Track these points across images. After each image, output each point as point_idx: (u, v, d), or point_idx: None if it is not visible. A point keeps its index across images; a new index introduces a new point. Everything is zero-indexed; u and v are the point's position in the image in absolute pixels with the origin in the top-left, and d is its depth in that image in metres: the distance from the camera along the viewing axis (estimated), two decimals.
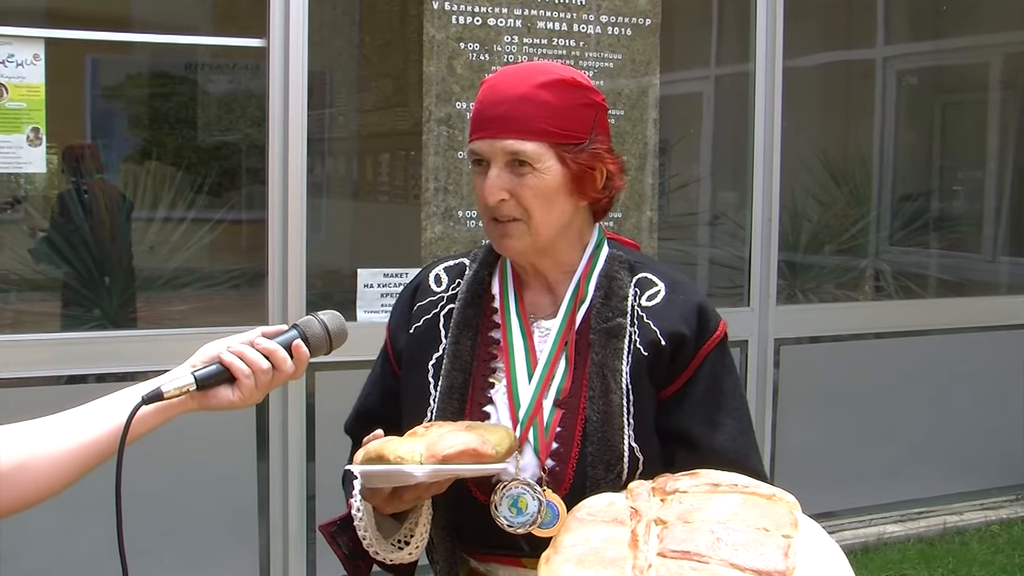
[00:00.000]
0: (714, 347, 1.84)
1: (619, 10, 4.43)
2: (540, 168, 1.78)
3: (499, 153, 1.79)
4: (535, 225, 1.81)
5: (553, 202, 1.81)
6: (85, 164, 4.92)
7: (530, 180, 1.78)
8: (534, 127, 1.78)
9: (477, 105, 1.85)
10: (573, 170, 1.80)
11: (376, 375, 2.04)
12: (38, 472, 1.53)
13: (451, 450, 1.61)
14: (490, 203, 1.80)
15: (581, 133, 1.82)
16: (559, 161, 1.79)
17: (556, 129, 1.79)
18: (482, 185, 1.81)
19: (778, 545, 1.42)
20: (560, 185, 1.80)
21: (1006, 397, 5.78)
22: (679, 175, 5.99)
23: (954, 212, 6.81)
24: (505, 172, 1.79)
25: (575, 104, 1.82)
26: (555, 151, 1.79)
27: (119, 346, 3.99)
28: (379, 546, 1.80)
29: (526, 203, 1.79)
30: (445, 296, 1.95)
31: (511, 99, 1.79)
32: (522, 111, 1.78)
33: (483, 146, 1.81)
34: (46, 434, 1.55)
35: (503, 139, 1.78)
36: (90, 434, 1.56)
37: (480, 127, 1.82)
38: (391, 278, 4.18)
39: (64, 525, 3.68)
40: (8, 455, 1.51)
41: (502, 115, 1.79)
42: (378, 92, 5.78)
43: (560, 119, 1.79)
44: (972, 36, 6.77)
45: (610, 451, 1.76)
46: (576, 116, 1.82)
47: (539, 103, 1.79)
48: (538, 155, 1.78)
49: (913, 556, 5.09)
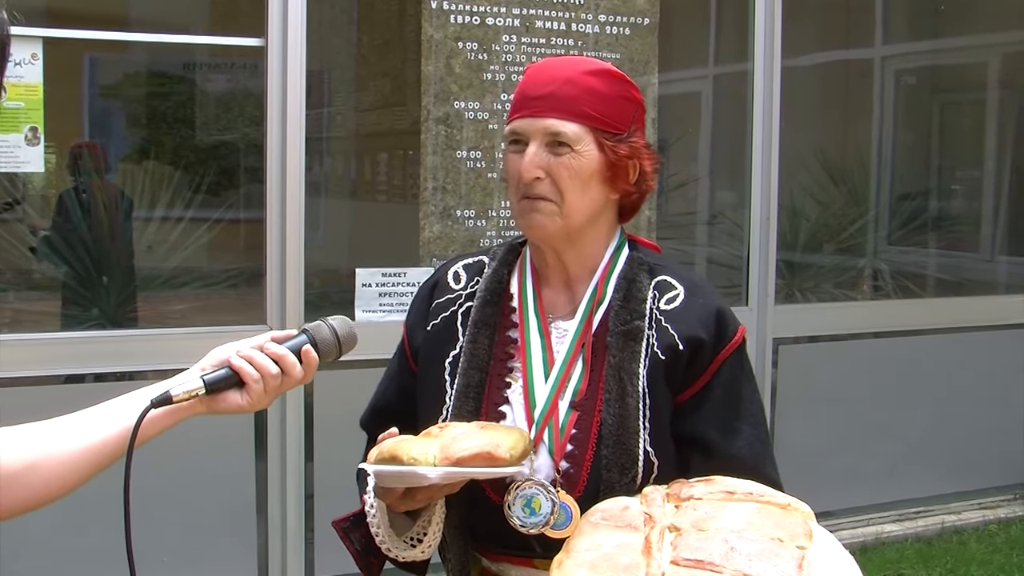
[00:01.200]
0: (732, 352, 1.83)
1: (617, 9, 4.43)
2: (578, 150, 1.79)
3: (540, 132, 1.80)
4: (567, 207, 1.80)
5: (587, 186, 1.81)
6: (84, 163, 4.92)
7: (567, 160, 1.79)
8: (577, 109, 1.79)
9: (521, 87, 1.86)
10: (610, 158, 1.81)
11: (393, 371, 2.03)
12: (48, 473, 1.53)
13: (465, 452, 1.60)
14: (525, 179, 1.79)
15: (621, 124, 1.83)
16: (598, 147, 1.80)
17: (598, 115, 1.80)
18: (518, 163, 1.81)
19: (792, 556, 1.41)
20: (595, 171, 1.81)
21: (1004, 397, 5.78)
22: (677, 174, 6.00)
23: (952, 211, 6.81)
24: (543, 151, 1.80)
25: (618, 95, 1.83)
26: (595, 136, 1.80)
27: (118, 345, 3.98)
28: (392, 543, 1.81)
29: (561, 183, 1.79)
30: (464, 294, 1.94)
31: (558, 80, 1.81)
32: (567, 92, 1.79)
33: (524, 124, 1.81)
34: (56, 435, 1.55)
35: (545, 118, 1.79)
36: (99, 436, 1.56)
37: (522, 106, 1.83)
38: (389, 277, 4.18)
39: (65, 524, 3.67)
40: (18, 455, 1.52)
41: (547, 95, 1.80)
42: (376, 91, 5.78)
43: (603, 106, 1.81)
44: (970, 36, 6.77)
45: (625, 455, 1.75)
46: (618, 107, 1.83)
47: (585, 87, 1.80)
48: (578, 137, 1.79)
49: (911, 556, 5.09)
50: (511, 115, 1.86)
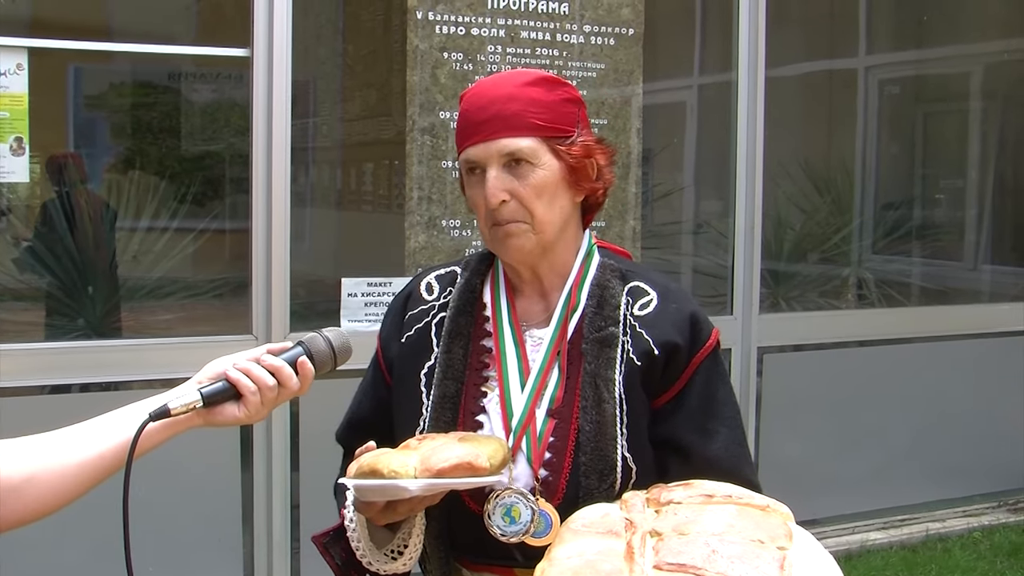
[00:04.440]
0: (707, 356, 1.84)
1: (602, 20, 4.44)
2: (538, 164, 1.79)
3: (495, 155, 1.79)
4: (538, 223, 1.80)
5: (554, 197, 1.81)
6: (68, 173, 4.90)
7: (530, 178, 1.78)
8: (526, 123, 1.79)
9: (462, 115, 1.84)
10: (568, 163, 1.81)
11: (367, 384, 2.02)
12: (44, 486, 1.53)
13: (445, 464, 1.61)
14: (492, 205, 1.78)
15: (569, 126, 1.83)
16: (554, 155, 1.80)
17: (546, 123, 1.80)
18: (481, 191, 1.80)
19: (773, 557, 1.43)
20: (559, 179, 1.81)
21: (989, 404, 5.80)
22: (662, 184, 6.01)
23: (936, 220, 6.85)
24: (503, 173, 1.79)
25: (559, 99, 1.83)
26: (549, 145, 1.80)
27: (103, 355, 3.97)
28: (372, 557, 1.80)
29: (528, 203, 1.79)
30: (437, 304, 1.94)
31: (499, 99, 1.80)
32: (512, 109, 1.79)
33: (477, 151, 1.80)
34: (52, 448, 1.55)
35: (498, 139, 1.78)
36: (96, 449, 1.56)
37: (471, 133, 1.81)
38: (375, 287, 4.18)
39: (57, 534, 3.66)
40: (15, 468, 1.51)
41: (492, 116, 1.79)
42: (362, 102, 5.78)
43: (548, 113, 1.80)
44: (953, 46, 6.81)
45: (603, 461, 1.75)
46: (562, 110, 1.83)
47: (526, 100, 1.80)
48: (533, 151, 1.78)
49: (896, 563, 5.10)
50: (461, 144, 1.84)
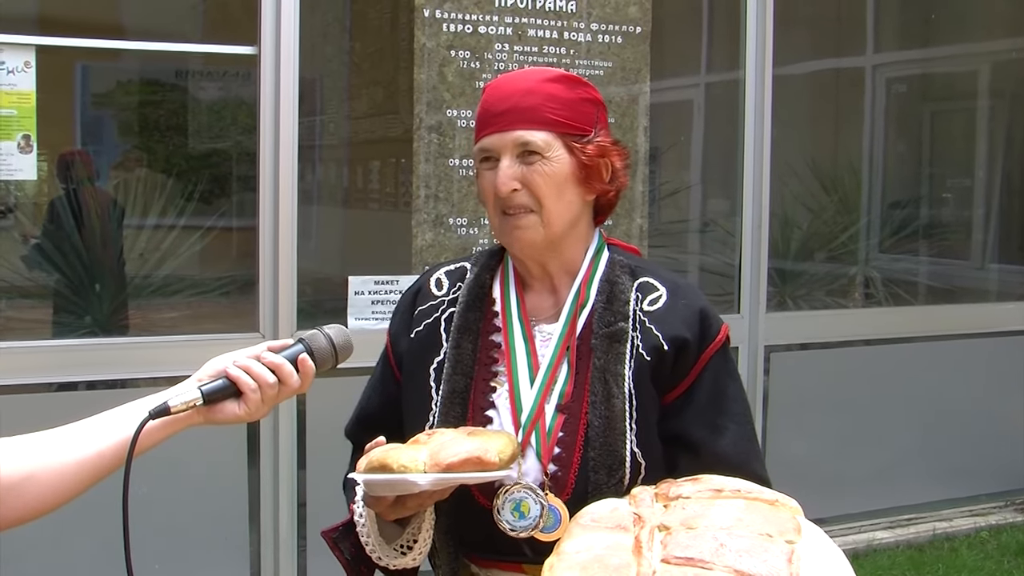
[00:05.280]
0: (716, 351, 1.84)
1: (609, 18, 4.44)
2: (549, 156, 1.81)
3: (509, 145, 1.82)
4: (547, 215, 1.82)
5: (563, 191, 1.83)
6: (76, 171, 4.91)
7: (541, 168, 1.81)
8: (543, 117, 1.81)
9: (483, 105, 1.87)
10: (582, 160, 1.83)
11: (376, 379, 2.03)
12: (44, 484, 1.53)
13: (455, 458, 1.61)
14: (502, 193, 1.81)
15: (586, 125, 1.85)
16: (567, 151, 1.83)
17: (563, 119, 1.82)
18: (492, 179, 1.83)
19: (782, 551, 1.42)
20: (570, 174, 1.83)
21: (996, 404, 5.79)
22: (669, 182, 6.00)
23: (943, 219, 6.83)
24: (516, 163, 1.82)
25: (578, 98, 1.86)
26: (563, 141, 1.82)
27: (110, 353, 3.98)
28: (382, 552, 1.80)
29: (538, 192, 1.81)
30: (446, 300, 1.95)
31: (518, 92, 1.83)
32: (530, 102, 1.82)
33: (492, 140, 1.83)
34: (52, 446, 1.55)
35: (513, 130, 1.81)
36: (96, 447, 1.56)
37: (488, 123, 1.85)
38: (382, 285, 4.18)
39: (58, 533, 3.66)
40: (15, 467, 1.51)
41: (510, 108, 1.82)
42: (369, 99, 5.78)
43: (566, 110, 1.83)
44: (960, 44, 6.80)
45: (612, 456, 1.76)
46: (580, 109, 1.85)
47: (546, 95, 1.83)
48: (547, 144, 1.81)
49: (903, 563, 5.10)
50: (478, 134, 1.87)
